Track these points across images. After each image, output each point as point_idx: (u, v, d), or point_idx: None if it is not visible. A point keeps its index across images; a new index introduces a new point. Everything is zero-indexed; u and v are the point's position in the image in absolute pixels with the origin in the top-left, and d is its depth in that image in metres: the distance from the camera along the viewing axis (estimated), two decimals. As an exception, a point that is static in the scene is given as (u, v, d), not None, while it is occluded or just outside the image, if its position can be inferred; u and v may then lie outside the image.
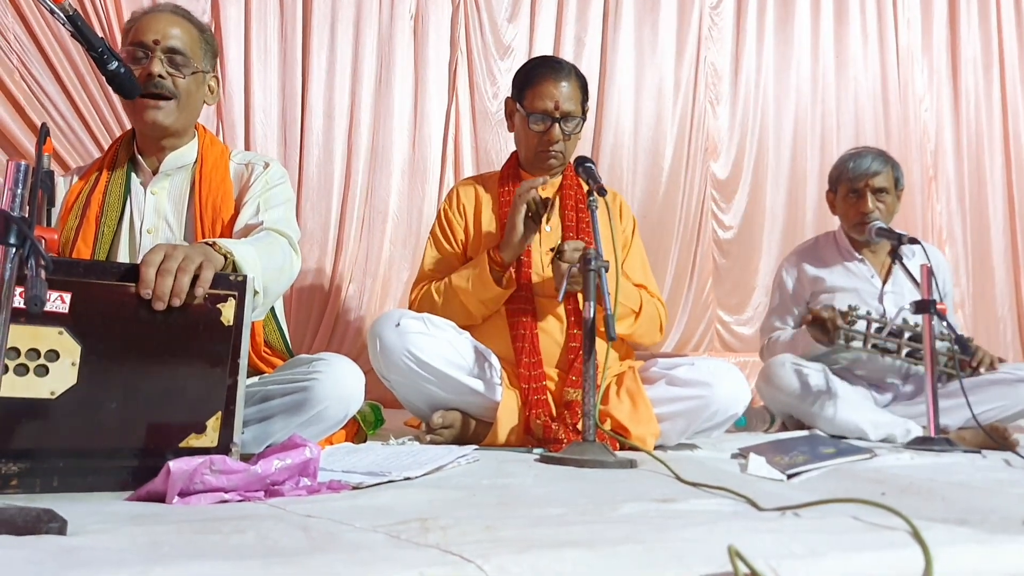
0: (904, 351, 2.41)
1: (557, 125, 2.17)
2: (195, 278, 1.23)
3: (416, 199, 3.64)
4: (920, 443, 2.21)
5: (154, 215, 1.73)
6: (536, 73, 2.23)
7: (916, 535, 0.96)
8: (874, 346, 2.40)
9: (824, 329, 2.41)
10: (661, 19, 4.17)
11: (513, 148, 2.37)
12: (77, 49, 2.84)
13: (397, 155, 3.60)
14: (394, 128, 3.59)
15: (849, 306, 2.41)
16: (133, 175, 1.77)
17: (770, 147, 4.36)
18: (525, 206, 2.04)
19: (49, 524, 0.88)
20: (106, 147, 2.08)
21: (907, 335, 2.40)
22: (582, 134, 2.29)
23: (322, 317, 3.39)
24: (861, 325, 2.39)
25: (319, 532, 0.92)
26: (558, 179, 2.30)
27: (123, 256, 1.71)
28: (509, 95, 2.31)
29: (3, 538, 0.85)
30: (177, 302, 1.21)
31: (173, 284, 1.20)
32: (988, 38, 4.85)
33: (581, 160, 2.14)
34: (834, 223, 2.91)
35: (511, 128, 2.33)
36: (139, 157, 1.77)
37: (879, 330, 2.40)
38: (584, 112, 2.25)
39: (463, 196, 2.30)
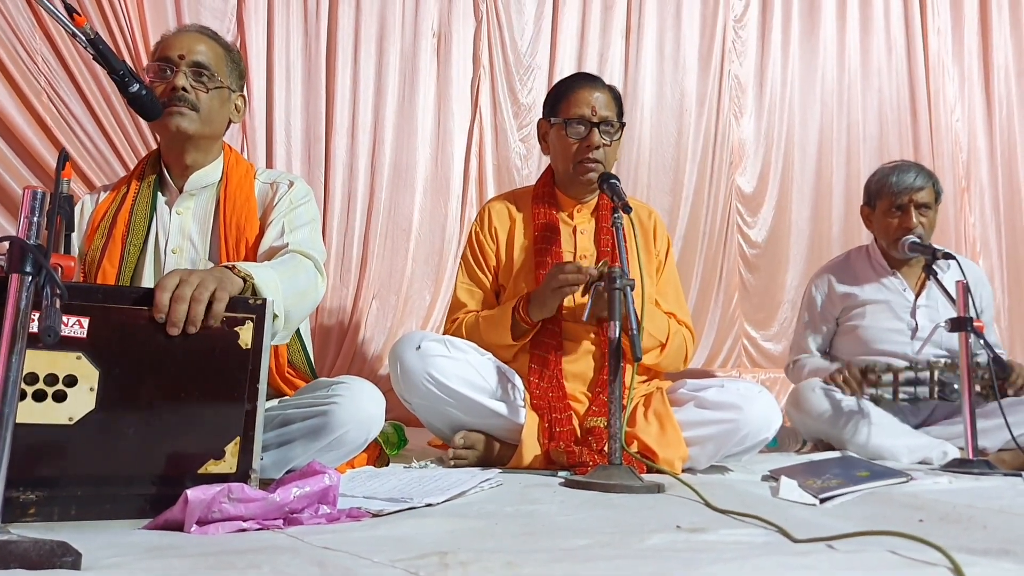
0: (936, 391, 2.34)
1: (596, 129, 2.14)
2: (209, 305, 1.22)
3: (439, 216, 3.63)
4: (958, 465, 2.14)
5: (179, 235, 1.73)
6: (570, 84, 2.23)
7: (957, 571, 0.92)
8: (904, 398, 2.36)
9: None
10: (684, 33, 4.13)
11: (543, 168, 2.34)
12: (103, 71, 2.87)
13: (420, 172, 3.59)
14: (417, 146, 3.59)
15: (870, 365, 2.38)
16: (159, 194, 1.77)
17: (795, 160, 4.30)
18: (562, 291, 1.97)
19: (63, 558, 0.86)
20: (132, 167, 2.09)
21: (937, 375, 2.34)
22: (618, 153, 2.25)
23: (345, 334, 3.38)
24: (888, 377, 2.36)
25: (335, 567, 0.90)
26: (593, 200, 2.27)
27: (148, 276, 1.71)
28: (540, 118, 2.28)
29: (17, 573, 0.83)
30: (192, 329, 1.19)
31: (188, 311, 1.19)
32: (1020, 44, 4.73)
33: (605, 176, 2.10)
34: (861, 236, 2.84)
35: (546, 151, 2.30)
36: (166, 175, 1.78)
37: (908, 381, 2.36)
38: (621, 124, 2.21)
39: (495, 218, 2.27)
